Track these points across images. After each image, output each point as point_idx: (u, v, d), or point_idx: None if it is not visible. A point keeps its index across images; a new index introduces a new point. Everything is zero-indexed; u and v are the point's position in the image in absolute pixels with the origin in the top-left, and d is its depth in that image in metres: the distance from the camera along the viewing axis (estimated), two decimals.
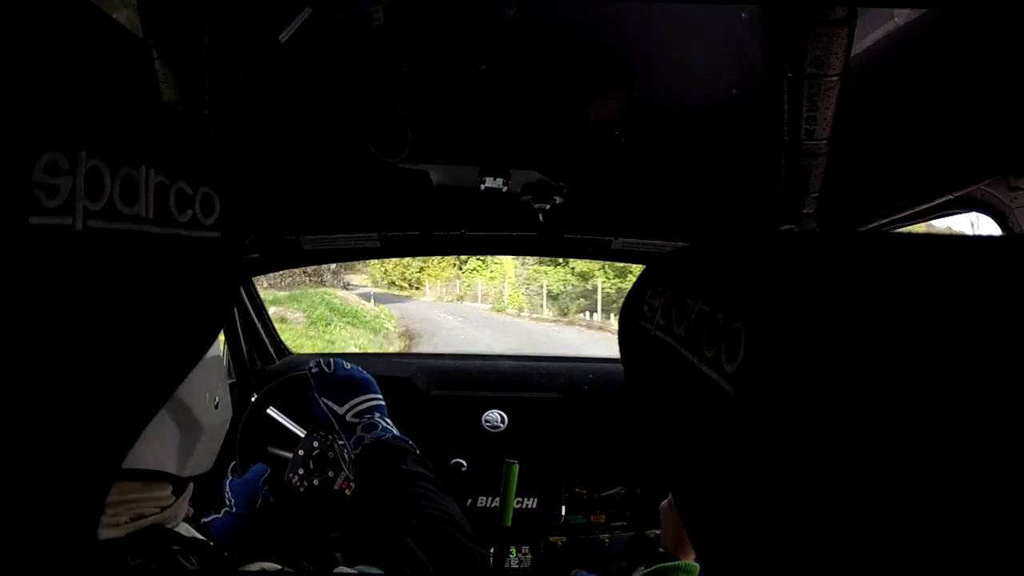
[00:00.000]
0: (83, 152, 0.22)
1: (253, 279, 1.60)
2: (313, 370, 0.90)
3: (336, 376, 0.89)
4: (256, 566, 0.51)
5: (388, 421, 0.86)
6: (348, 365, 0.92)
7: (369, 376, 0.91)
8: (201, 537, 0.58)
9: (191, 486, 0.59)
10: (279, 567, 0.52)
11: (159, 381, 0.27)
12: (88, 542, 0.25)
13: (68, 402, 0.23)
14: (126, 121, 0.24)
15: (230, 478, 1.08)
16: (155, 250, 0.25)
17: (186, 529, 0.59)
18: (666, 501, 0.85)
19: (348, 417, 0.86)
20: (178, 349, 0.28)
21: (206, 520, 1.02)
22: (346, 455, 1.05)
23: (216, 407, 0.58)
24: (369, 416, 0.85)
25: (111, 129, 0.23)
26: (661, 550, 0.87)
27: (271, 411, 1.38)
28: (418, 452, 0.80)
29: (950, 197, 0.84)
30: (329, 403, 0.87)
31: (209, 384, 0.57)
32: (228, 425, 0.63)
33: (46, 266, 0.21)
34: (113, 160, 0.23)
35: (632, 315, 0.28)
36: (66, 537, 0.24)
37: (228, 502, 1.03)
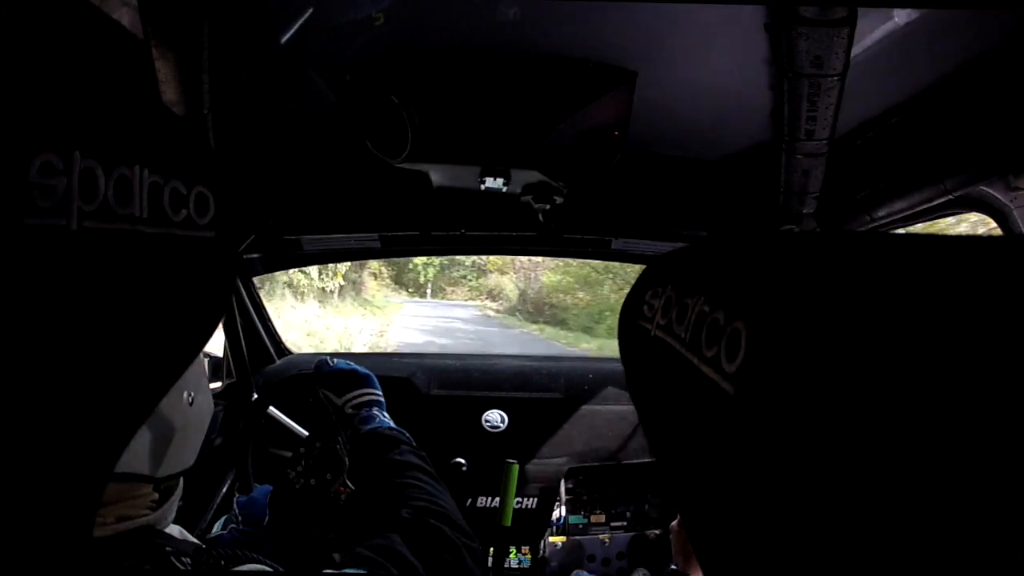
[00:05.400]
0: (77, 153, 0.22)
1: (253, 279, 1.60)
2: (318, 365, 0.94)
3: (337, 369, 0.93)
4: (247, 567, 0.51)
5: (386, 415, 0.87)
6: (350, 362, 0.95)
7: (369, 372, 0.94)
8: (193, 539, 0.58)
9: (180, 487, 0.59)
10: (271, 569, 0.52)
11: (154, 380, 0.28)
12: (82, 542, 0.25)
13: (63, 402, 0.23)
14: (120, 121, 0.24)
15: (237, 496, 1.09)
16: (149, 250, 0.25)
17: (178, 531, 0.59)
18: (676, 520, 0.87)
19: (346, 408, 0.88)
20: (173, 348, 0.28)
21: (212, 536, 1.02)
22: (346, 458, 1.05)
23: (191, 404, 0.58)
24: (367, 409, 0.87)
25: (105, 129, 0.23)
26: (673, 567, 0.89)
27: (272, 410, 1.38)
28: (414, 444, 0.80)
29: (950, 197, 0.84)
30: (329, 395, 0.91)
31: (184, 382, 0.56)
32: (208, 420, 0.63)
33: (42, 267, 0.21)
34: (107, 160, 0.23)
35: (632, 315, 0.28)
36: (60, 538, 0.24)
37: (236, 519, 1.04)
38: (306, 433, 1.24)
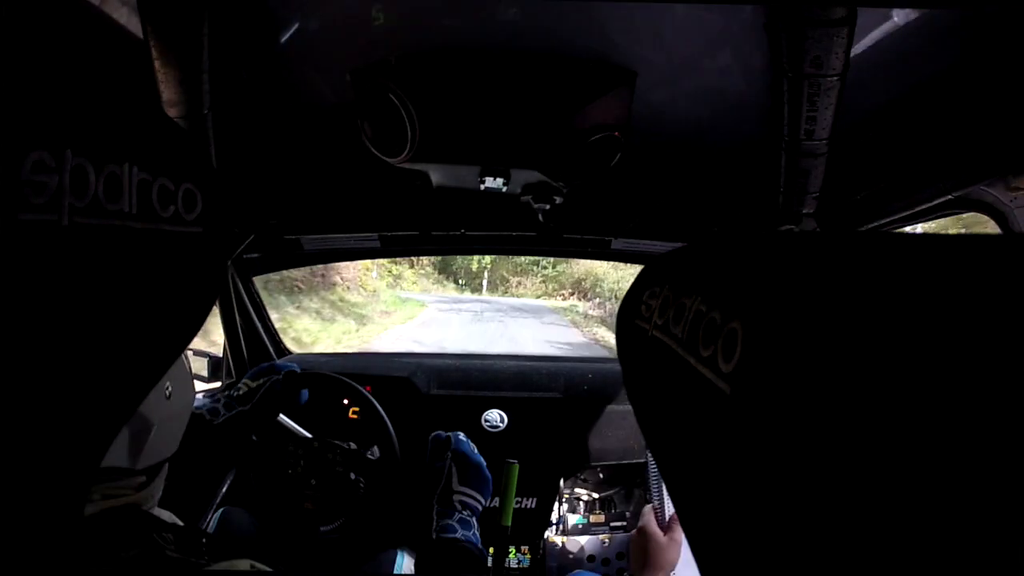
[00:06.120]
0: (69, 151, 0.22)
1: (253, 279, 1.61)
2: (460, 437, 0.98)
3: (474, 459, 0.96)
4: (245, 563, 0.52)
5: (476, 528, 0.89)
6: (479, 456, 0.98)
7: (489, 478, 0.96)
8: (180, 523, 0.59)
9: (165, 467, 0.61)
10: (267, 569, 0.52)
11: (142, 372, 0.28)
12: (71, 530, 0.26)
13: (53, 393, 0.24)
14: (110, 120, 0.25)
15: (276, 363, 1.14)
16: (138, 245, 0.26)
17: (168, 516, 0.60)
18: (635, 530, 0.85)
19: (455, 495, 0.90)
20: (161, 341, 0.29)
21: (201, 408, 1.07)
22: (339, 468, 1.10)
23: (169, 397, 0.59)
24: (468, 513, 0.89)
25: (96, 128, 0.24)
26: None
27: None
28: (490, 567, 0.83)
29: (950, 197, 0.84)
30: (455, 472, 0.92)
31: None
32: (189, 410, 0.65)
33: (35, 261, 0.22)
34: (97, 158, 0.24)
35: (630, 315, 0.28)
36: (48, 529, 0.25)
37: (234, 390, 1.12)
38: (306, 433, 1.24)
